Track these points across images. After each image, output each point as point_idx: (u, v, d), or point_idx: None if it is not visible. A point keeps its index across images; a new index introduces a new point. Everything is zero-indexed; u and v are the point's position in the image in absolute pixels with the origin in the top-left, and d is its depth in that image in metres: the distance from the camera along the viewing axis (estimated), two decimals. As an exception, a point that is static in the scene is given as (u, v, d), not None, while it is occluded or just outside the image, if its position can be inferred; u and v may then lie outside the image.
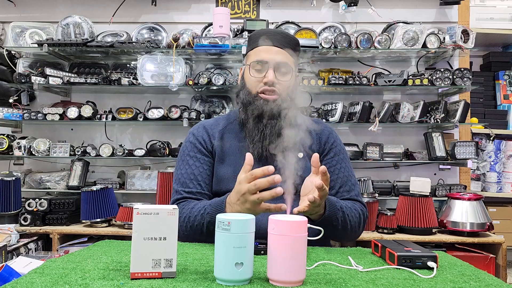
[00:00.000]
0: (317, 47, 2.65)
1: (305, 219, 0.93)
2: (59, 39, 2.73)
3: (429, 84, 2.64)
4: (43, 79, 2.73)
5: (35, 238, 2.36)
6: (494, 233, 2.40)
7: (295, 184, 1.09)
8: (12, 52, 2.92)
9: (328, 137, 1.52)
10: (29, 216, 2.39)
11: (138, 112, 2.77)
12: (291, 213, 1.09)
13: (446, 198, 2.51)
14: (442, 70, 2.65)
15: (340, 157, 1.50)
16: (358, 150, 2.73)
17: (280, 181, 1.09)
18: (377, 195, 2.53)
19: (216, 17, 2.65)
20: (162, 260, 0.92)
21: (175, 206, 0.95)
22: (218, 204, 1.29)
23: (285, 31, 1.60)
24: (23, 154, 2.73)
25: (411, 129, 2.96)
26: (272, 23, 2.90)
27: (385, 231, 2.35)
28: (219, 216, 0.90)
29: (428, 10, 2.98)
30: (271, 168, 1.12)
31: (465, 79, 2.64)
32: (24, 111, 2.74)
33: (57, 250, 2.34)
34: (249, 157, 1.18)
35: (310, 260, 1.08)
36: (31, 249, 2.28)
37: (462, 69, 2.66)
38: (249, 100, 1.42)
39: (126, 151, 2.74)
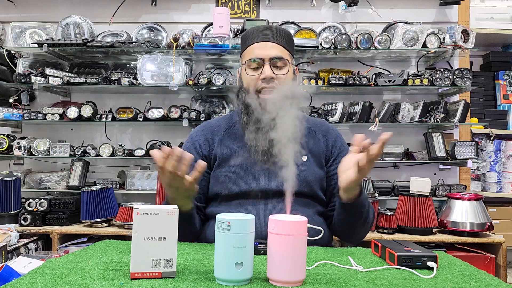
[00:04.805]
0: (317, 47, 2.65)
1: (305, 219, 0.93)
2: (59, 39, 2.73)
3: (429, 84, 2.64)
4: (43, 79, 2.73)
5: (35, 238, 2.36)
6: (494, 233, 2.40)
7: (296, 186, 1.08)
8: (12, 52, 2.92)
9: (335, 140, 1.50)
10: (29, 216, 2.39)
11: (138, 112, 2.77)
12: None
13: (446, 198, 2.51)
14: (442, 70, 2.65)
15: None
16: (358, 150, 2.73)
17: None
18: (377, 195, 2.53)
19: (216, 17, 2.65)
20: (162, 260, 0.92)
21: (175, 206, 0.95)
22: None
23: (275, 25, 1.57)
24: (23, 154, 2.72)
25: (411, 129, 2.96)
26: (272, 23, 2.89)
27: (385, 231, 2.35)
28: (219, 216, 0.90)
29: (428, 10, 2.98)
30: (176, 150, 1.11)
31: (465, 79, 2.64)
32: (24, 111, 2.74)
33: (57, 250, 2.34)
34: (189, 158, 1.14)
35: (310, 260, 1.08)
36: (31, 249, 2.28)
37: (462, 69, 2.66)
38: (249, 100, 1.38)
39: (126, 151, 2.73)
